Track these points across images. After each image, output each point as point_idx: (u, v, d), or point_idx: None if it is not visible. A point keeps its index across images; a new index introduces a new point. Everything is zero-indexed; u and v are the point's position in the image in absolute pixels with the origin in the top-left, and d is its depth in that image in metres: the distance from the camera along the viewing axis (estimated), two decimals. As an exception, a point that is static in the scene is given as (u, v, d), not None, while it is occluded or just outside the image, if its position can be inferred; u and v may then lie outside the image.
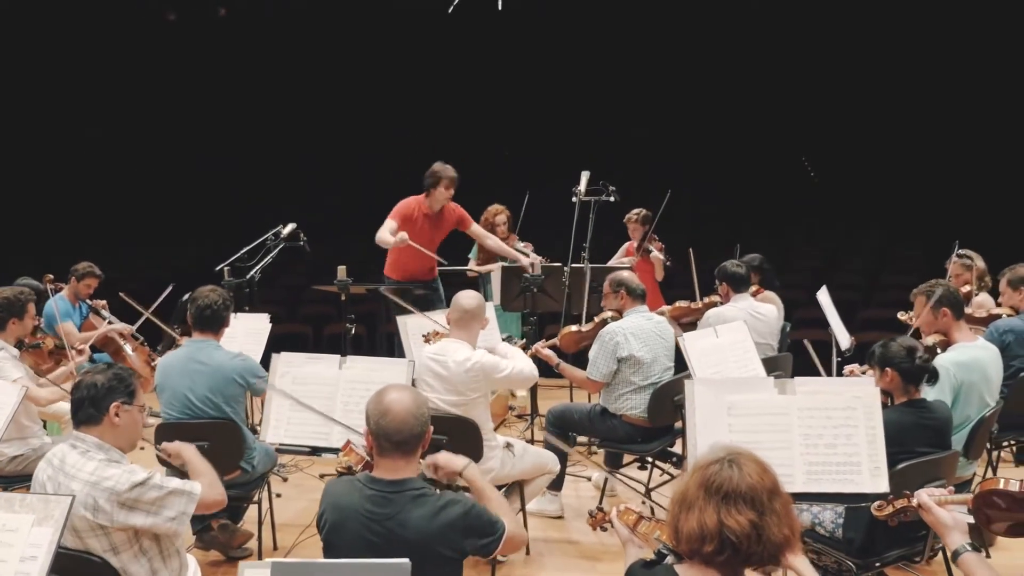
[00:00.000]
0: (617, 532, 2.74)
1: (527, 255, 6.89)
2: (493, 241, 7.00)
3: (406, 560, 2.14)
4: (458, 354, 4.37)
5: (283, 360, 4.26)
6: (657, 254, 7.42)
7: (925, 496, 2.65)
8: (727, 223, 10.45)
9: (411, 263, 6.77)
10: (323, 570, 2.08)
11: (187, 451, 3.39)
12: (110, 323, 6.70)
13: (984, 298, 6.05)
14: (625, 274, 5.46)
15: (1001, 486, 2.53)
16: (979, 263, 6.18)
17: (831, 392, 3.44)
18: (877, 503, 2.84)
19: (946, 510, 2.61)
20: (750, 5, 10.58)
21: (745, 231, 9.80)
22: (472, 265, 7.39)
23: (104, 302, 6.97)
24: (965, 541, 2.53)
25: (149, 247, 11.21)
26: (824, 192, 11.24)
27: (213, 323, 4.55)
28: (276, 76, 11.35)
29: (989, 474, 5.10)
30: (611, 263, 7.42)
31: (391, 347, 7.15)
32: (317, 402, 4.05)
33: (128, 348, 6.53)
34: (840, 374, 5.33)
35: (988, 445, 5.08)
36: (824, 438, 3.37)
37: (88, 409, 3.03)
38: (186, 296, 6.34)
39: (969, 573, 2.49)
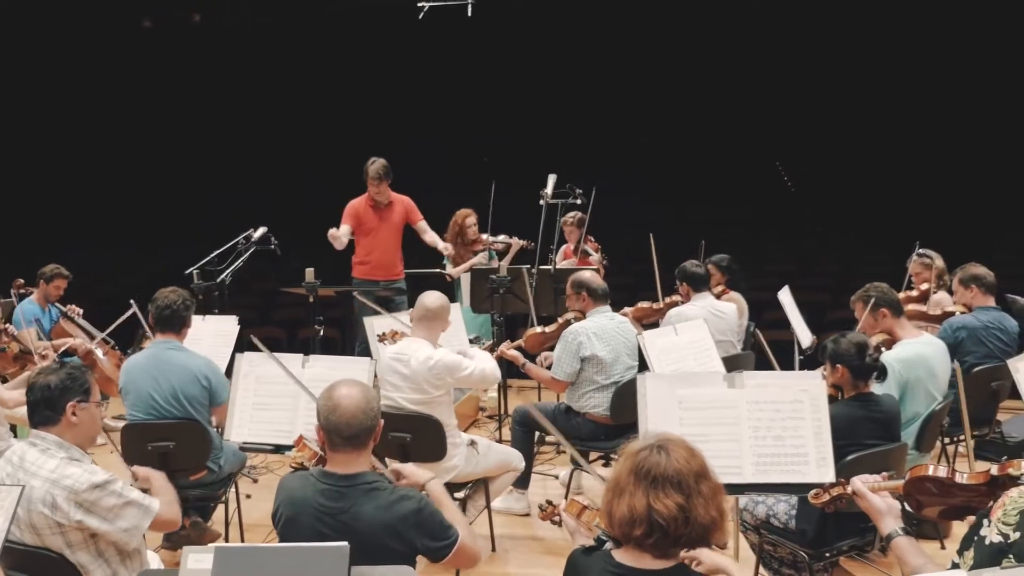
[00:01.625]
0: (565, 524, 2.81)
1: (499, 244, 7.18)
2: (430, 236, 7.28)
3: (344, 544, 2.20)
4: (420, 352, 4.43)
5: (246, 359, 4.31)
6: (595, 255, 7.50)
7: (859, 483, 2.72)
8: (702, 225, 10.54)
9: (372, 261, 7.13)
10: (264, 554, 2.14)
11: (156, 478, 3.40)
12: (86, 331, 6.71)
13: (942, 296, 6.17)
14: (587, 275, 5.50)
15: (930, 472, 2.61)
16: (938, 262, 6.30)
17: (779, 386, 3.53)
18: (814, 491, 2.92)
19: (880, 496, 2.69)
20: (726, 9, 10.68)
21: (721, 233, 9.92)
22: (449, 269, 7.48)
23: (79, 309, 6.97)
24: (898, 526, 2.61)
25: (121, 250, 11.19)
26: (800, 196, 11.37)
27: (173, 323, 4.59)
28: (249, 80, 11.38)
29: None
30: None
31: (364, 351, 7.23)
32: (280, 401, 4.11)
33: (99, 352, 6.54)
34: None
35: (943, 440, 5.19)
36: (772, 430, 3.46)
37: (44, 411, 3.05)
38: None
39: (900, 556, 2.57)
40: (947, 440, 5.34)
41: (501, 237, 7.33)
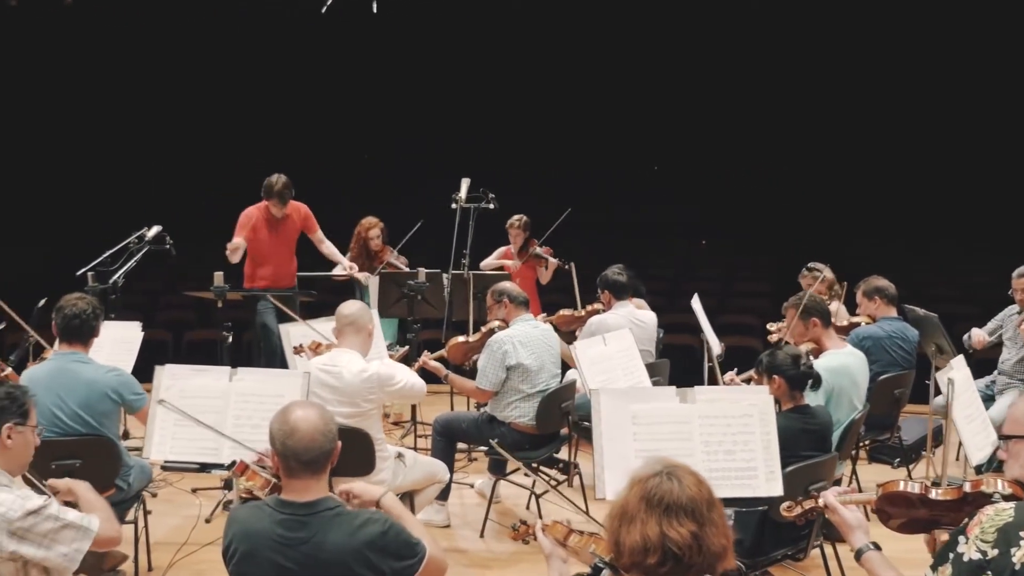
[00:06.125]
0: (540, 545, 2.74)
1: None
2: (327, 248, 7.10)
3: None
4: (352, 364, 4.26)
5: (168, 372, 4.01)
6: (551, 259, 7.43)
7: (831, 497, 2.77)
8: (587, 232, 10.65)
9: (267, 276, 6.84)
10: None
11: (79, 488, 3.12)
12: None
13: (835, 307, 6.40)
14: (507, 284, 5.50)
15: (902, 488, 2.70)
16: (828, 274, 6.51)
17: (729, 400, 3.57)
18: (786, 504, 2.97)
19: (849, 510, 2.74)
20: (608, 11, 10.81)
21: (604, 240, 10.07)
22: (338, 271, 7.23)
23: None
24: (868, 540, 2.67)
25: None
26: (684, 202, 11.60)
27: (82, 334, 4.26)
28: (139, 70, 10.73)
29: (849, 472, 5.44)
30: (486, 263, 7.43)
31: (251, 356, 7.00)
32: (206, 417, 3.85)
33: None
34: (712, 380, 5.57)
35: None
36: (724, 445, 3.50)
37: None
38: (41, 302, 5.92)
39: (871, 570, 2.62)
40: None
41: (394, 260, 7.16)
